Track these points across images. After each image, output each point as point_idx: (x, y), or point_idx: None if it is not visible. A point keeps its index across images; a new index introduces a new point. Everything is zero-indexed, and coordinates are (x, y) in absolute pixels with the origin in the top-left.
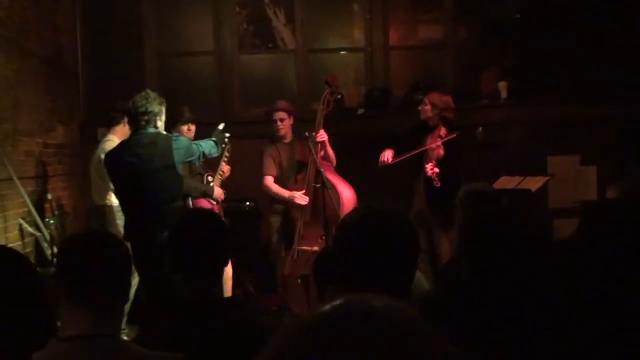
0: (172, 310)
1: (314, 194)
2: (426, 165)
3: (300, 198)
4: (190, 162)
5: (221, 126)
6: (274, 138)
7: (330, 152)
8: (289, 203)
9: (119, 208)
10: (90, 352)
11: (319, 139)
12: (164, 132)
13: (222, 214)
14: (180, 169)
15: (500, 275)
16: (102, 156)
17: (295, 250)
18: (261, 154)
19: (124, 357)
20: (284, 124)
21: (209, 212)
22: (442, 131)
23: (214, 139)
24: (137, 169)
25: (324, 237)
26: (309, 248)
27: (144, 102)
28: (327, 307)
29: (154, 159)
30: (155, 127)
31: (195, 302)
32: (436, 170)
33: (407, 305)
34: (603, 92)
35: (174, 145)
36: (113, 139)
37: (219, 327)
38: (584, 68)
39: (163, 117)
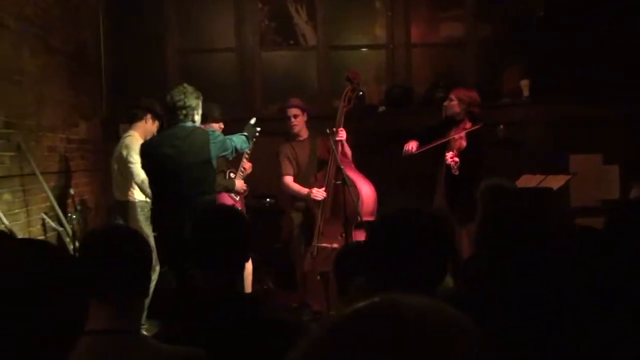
0: (193, 306)
1: (334, 191)
2: (446, 153)
3: (318, 193)
4: (224, 156)
5: (253, 121)
6: (289, 136)
7: (347, 149)
8: (308, 200)
9: (141, 204)
10: (110, 347)
11: (338, 138)
12: (201, 126)
13: (244, 209)
14: (214, 163)
15: (520, 272)
16: (124, 152)
17: (314, 247)
18: (277, 154)
19: (144, 353)
20: (298, 120)
21: (230, 208)
22: (467, 125)
23: (245, 133)
24: (174, 161)
25: (343, 235)
26: (328, 245)
27: (181, 96)
28: (359, 305)
29: (191, 152)
30: (193, 121)
31: (216, 298)
32: (456, 159)
33: (440, 302)
34: (626, 92)
35: (211, 139)
36: (134, 135)
37: (239, 323)
38: (608, 67)
39: (200, 111)
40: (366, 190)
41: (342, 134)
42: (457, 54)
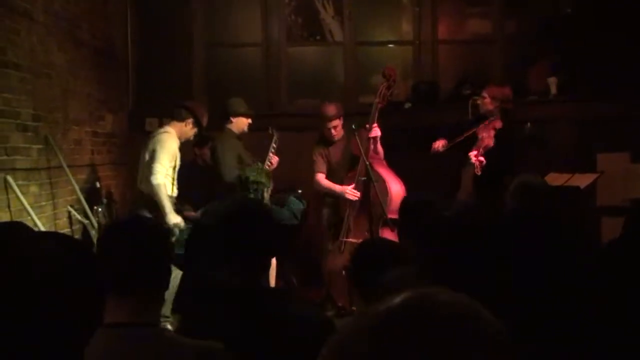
0: (216, 300)
1: (363, 188)
2: (470, 153)
3: (352, 194)
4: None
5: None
6: (323, 139)
7: (380, 146)
8: (340, 197)
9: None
10: (130, 340)
11: (372, 135)
12: None
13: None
14: None
15: (546, 276)
16: (157, 147)
17: (342, 242)
18: (312, 152)
19: (163, 346)
20: (338, 130)
21: (258, 203)
22: (498, 123)
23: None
24: None
25: (368, 232)
26: (355, 240)
27: (254, 173)
28: (392, 302)
29: None
30: (262, 196)
31: (241, 293)
32: (481, 159)
33: (470, 299)
34: None
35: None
36: (171, 132)
37: (265, 318)
38: (636, 66)
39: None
40: (395, 189)
41: (376, 131)
42: (484, 50)
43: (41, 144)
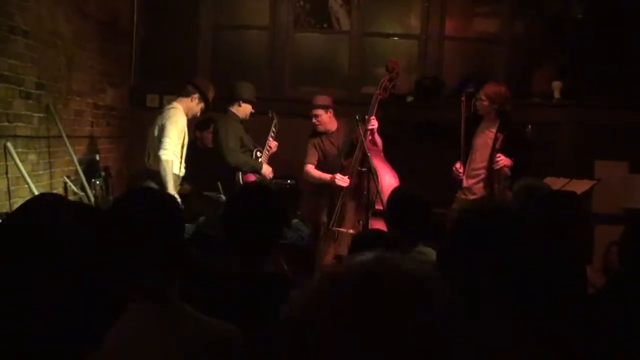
0: (218, 285)
1: (358, 178)
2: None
3: (341, 179)
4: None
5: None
6: (317, 131)
7: (378, 138)
8: (332, 185)
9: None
10: (147, 313)
11: (370, 127)
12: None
13: None
14: None
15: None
16: (167, 123)
17: (333, 231)
18: (306, 142)
19: (182, 321)
20: (320, 119)
21: (265, 187)
22: (497, 123)
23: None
24: None
25: (361, 221)
26: (345, 230)
27: None
28: (360, 259)
29: None
30: None
31: (243, 278)
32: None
33: (435, 272)
34: None
35: None
36: (178, 108)
37: (265, 304)
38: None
39: None
40: (388, 180)
41: (374, 123)
42: (490, 49)
43: (42, 112)
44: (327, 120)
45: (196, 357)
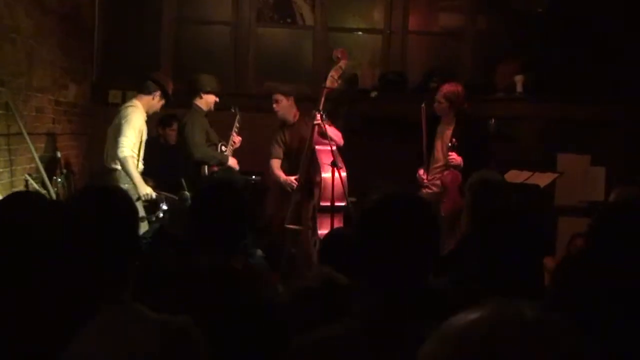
0: (186, 281)
1: (307, 175)
2: (449, 155)
3: (289, 184)
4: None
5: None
6: (283, 123)
7: (330, 131)
8: (284, 186)
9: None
10: (102, 313)
11: (315, 121)
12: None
13: None
14: None
15: (507, 273)
16: (123, 121)
17: (288, 229)
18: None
19: (135, 320)
20: (280, 105)
21: (229, 183)
22: (454, 122)
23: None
24: None
25: (312, 218)
26: (295, 227)
27: None
28: (478, 314)
29: None
30: None
31: (211, 274)
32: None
33: (557, 317)
34: (620, 94)
35: None
36: (137, 106)
37: (234, 301)
38: (604, 69)
39: None
40: (328, 176)
41: (318, 117)
42: (454, 44)
43: (2, 109)
44: (287, 106)
45: (158, 356)
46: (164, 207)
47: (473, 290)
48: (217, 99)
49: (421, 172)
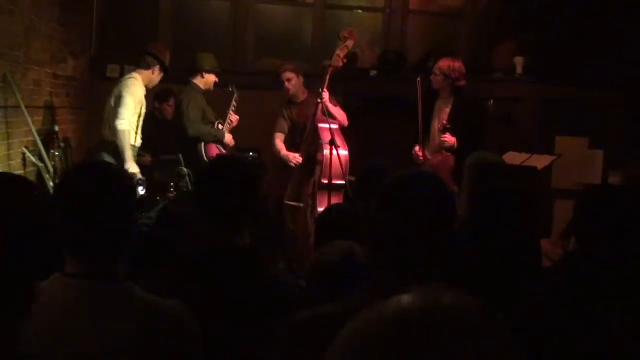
0: (187, 258)
1: (309, 152)
2: (443, 137)
3: (293, 159)
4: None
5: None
6: (288, 99)
7: (335, 111)
8: (286, 161)
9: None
10: (83, 291)
11: (320, 100)
12: None
13: None
14: None
15: (505, 254)
16: (123, 92)
17: (287, 206)
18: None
19: (118, 299)
20: (292, 84)
21: (237, 159)
22: (451, 99)
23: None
24: None
25: (312, 195)
26: (296, 204)
27: None
28: (401, 303)
29: None
30: None
31: (215, 251)
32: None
33: (475, 301)
34: (620, 77)
35: None
36: (138, 79)
37: (237, 278)
38: (605, 51)
39: None
40: (328, 154)
41: (325, 96)
42: (454, 24)
43: None
44: (298, 84)
45: (147, 340)
46: (142, 192)
47: (471, 271)
48: (217, 80)
49: (417, 149)
